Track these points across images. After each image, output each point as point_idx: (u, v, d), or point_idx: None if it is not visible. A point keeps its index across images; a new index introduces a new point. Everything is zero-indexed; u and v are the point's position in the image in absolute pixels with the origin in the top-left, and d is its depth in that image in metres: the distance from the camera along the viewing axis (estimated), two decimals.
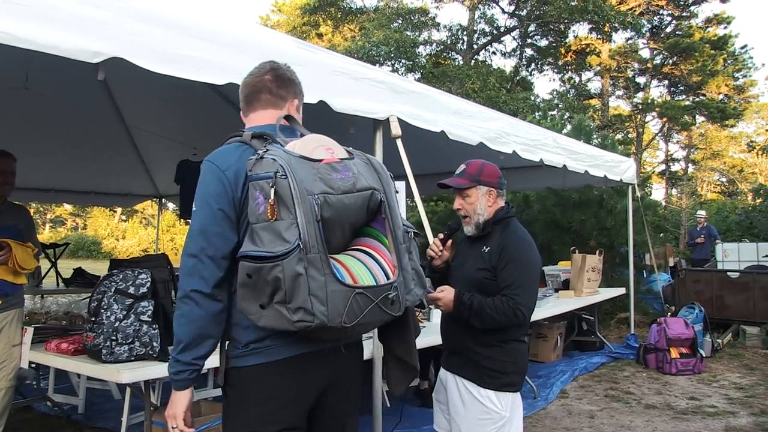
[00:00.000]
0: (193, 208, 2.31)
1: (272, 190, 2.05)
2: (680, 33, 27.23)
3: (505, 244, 3.39)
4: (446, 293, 3.34)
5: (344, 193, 2.17)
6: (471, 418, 3.38)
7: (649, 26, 27.93)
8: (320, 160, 2.20)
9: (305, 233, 2.03)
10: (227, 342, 2.37)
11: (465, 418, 3.40)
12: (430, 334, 4.94)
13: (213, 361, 4.14)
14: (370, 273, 2.20)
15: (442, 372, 3.64)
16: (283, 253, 2.01)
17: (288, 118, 2.51)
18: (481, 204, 3.49)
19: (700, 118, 30.90)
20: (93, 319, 3.90)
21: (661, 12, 27.85)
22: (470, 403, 3.38)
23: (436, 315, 5.66)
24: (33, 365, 4.95)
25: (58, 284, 9.08)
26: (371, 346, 4.46)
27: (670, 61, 27.86)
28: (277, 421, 2.30)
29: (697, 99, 28.30)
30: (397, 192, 2.45)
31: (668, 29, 28.23)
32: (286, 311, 2.04)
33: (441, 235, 3.66)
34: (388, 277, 2.23)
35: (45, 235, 37.76)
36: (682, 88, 29.33)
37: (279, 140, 2.30)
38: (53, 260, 9.47)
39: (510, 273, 3.32)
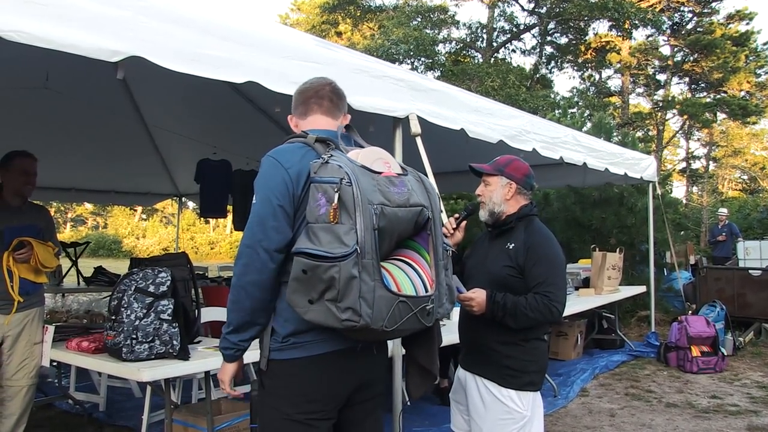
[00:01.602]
0: (254, 201, 2.41)
1: (336, 195, 2.16)
2: (701, 30, 26.97)
3: (531, 242, 3.37)
4: (478, 294, 3.31)
5: (398, 207, 2.30)
6: (492, 419, 3.35)
7: (670, 23, 27.72)
8: (380, 173, 2.32)
9: (362, 239, 2.15)
10: (270, 334, 2.46)
11: (486, 418, 3.37)
12: (450, 333, 4.92)
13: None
14: (412, 283, 2.32)
15: (461, 371, 3.61)
16: (341, 255, 2.13)
17: (348, 127, 2.65)
18: (497, 193, 3.48)
19: (721, 116, 30.58)
20: (113, 317, 3.91)
21: (681, 9, 27.63)
22: (491, 403, 3.36)
23: (455, 313, 5.64)
24: (54, 363, 4.98)
25: (78, 283, 9.13)
26: (391, 345, 4.44)
27: (691, 58, 27.61)
28: (309, 411, 2.42)
29: (719, 96, 28.01)
30: (441, 211, 2.52)
31: (689, 26, 27.99)
32: (335, 309, 2.15)
33: (457, 215, 3.66)
34: (426, 290, 2.35)
35: (66, 234, 38.04)
36: (703, 85, 29.08)
37: (341, 148, 2.42)
38: (74, 259, 9.53)
39: (541, 271, 3.31)
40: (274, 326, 2.44)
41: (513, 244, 3.40)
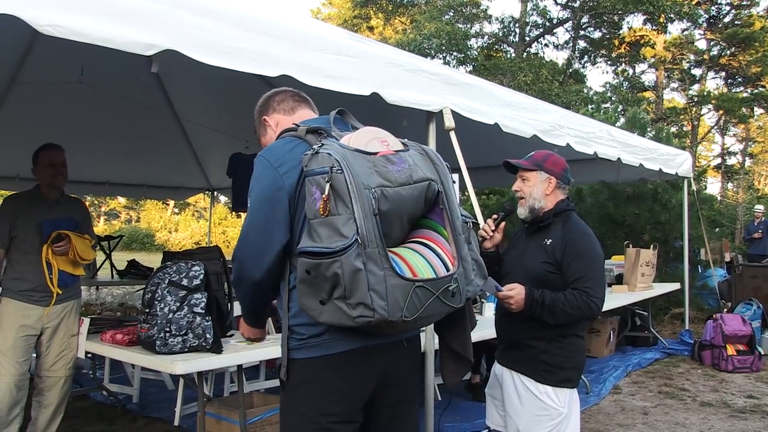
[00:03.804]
0: (248, 204, 2.32)
1: (327, 185, 2.05)
2: (739, 23, 26.52)
3: (570, 238, 3.34)
4: (517, 291, 3.27)
5: (401, 185, 2.17)
6: (528, 414, 3.33)
7: (706, 16, 27.29)
8: (375, 153, 2.19)
9: (363, 228, 2.03)
10: (288, 334, 2.37)
11: (522, 414, 3.36)
12: (482, 328, 4.87)
13: (265, 353, 4.15)
14: (430, 265, 2.19)
15: (498, 367, 3.59)
16: (341, 249, 2.00)
17: (341, 111, 2.52)
18: (537, 189, 3.45)
19: (758, 111, 30.18)
20: (147, 310, 3.94)
21: (719, 1, 27.20)
22: (527, 399, 3.34)
23: (489, 309, 5.62)
24: (89, 355, 5.04)
25: (112, 276, 9.24)
26: (424, 339, 4.42)
27: (728, 52, 27.23)
28: (330, 413, 2.30)
29: (756, 90, 27.61)
30: (454, 182, 2.43)
31: (726, 19, 27.53)
32: (345, 307, 2.03)
33: (495, 216, 3.61)
34: (447, 269, 2.22)
35: (100, 227, 38.40)
36: (740, 79, 28.66)
37: (334, 134, 2.31)
38: (108, 252, 9.62)
39: (579, 266, 3.28)
40: (294, 327, 2.35)
41: (551, 240, 3.37)
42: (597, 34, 29.13)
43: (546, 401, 3.30)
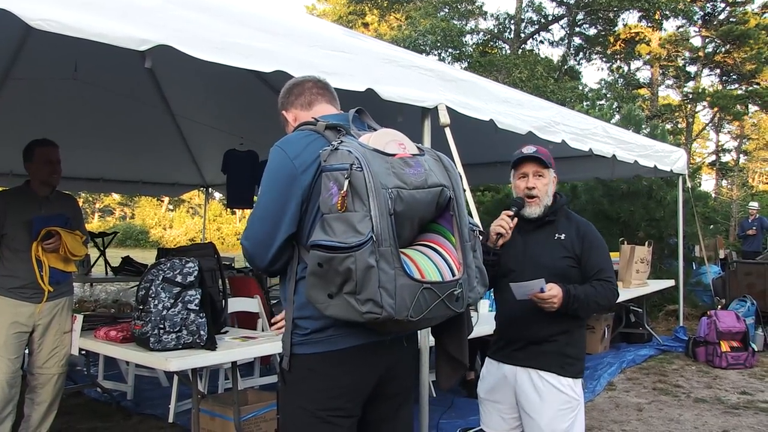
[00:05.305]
0: (259, 192, 2.35)
1: (346, 182, 2.07)
2: (734, 20, 26.55)
3: (584, 231, 3.36)
4: (557, 290, 3.16)
5: (416, 189, 2.20)
6: (552, 410, 3.27)
7: (702, 13, 27.36)
8: (393, 155, 2.22)
9: (378, 226, 2.05)
10: (291, 327, 2.39)
11: (544, 410, 3.28)
12: (477, 325, 4.88)
13: (260, 350, 4.14)
14: (437, 269, 2.22)
15: (505, 368, 3.43)
16: (356, 245, 2.03)
17: (360, 111, 2.54)
18: (550, 188, 3.42)
19: (753, 108, 30.23)
20: (141, 307, 3.92)
21: None
22: (550, 395, 3.28)
23: (483, 306, 5.60)
24: (83, 352, 5.02)
25: (106, 273, 9.21)
26: (420, 337, 4.41)
27: (723, 49, 27.26)
28: (331, 407, 2.33)
29: (751, 88, 27.66)
30: (465, 190, 2.44)
31: (721, 16, 27.58)
32: (355, 302, 2.06)
33: (510, 212, 3.38)
34: (453, 274, 2.25)
35: (94, 224, 38.36)
36: (734, 76, 28.73)
37: (353, 132, 2.33)
38: (102, 249, 9.60)
39: (597, 258, 3.32)
40: (298, 322, 2.36)
41: (564, 235, 3.35)
42: (592, 31, 29.21)
43: (569, 393, 3.28)
